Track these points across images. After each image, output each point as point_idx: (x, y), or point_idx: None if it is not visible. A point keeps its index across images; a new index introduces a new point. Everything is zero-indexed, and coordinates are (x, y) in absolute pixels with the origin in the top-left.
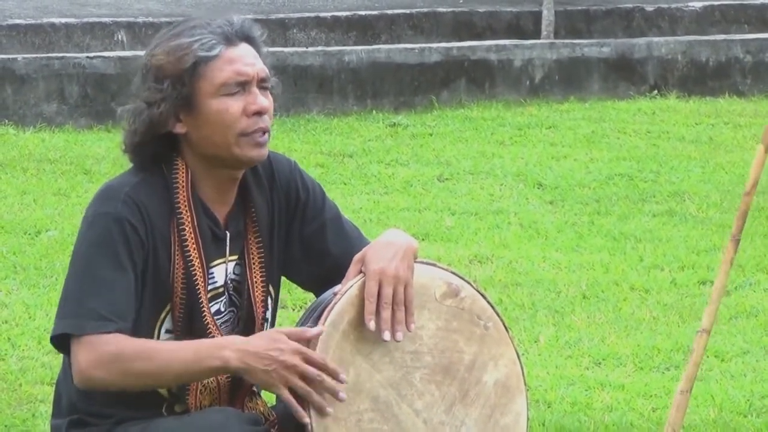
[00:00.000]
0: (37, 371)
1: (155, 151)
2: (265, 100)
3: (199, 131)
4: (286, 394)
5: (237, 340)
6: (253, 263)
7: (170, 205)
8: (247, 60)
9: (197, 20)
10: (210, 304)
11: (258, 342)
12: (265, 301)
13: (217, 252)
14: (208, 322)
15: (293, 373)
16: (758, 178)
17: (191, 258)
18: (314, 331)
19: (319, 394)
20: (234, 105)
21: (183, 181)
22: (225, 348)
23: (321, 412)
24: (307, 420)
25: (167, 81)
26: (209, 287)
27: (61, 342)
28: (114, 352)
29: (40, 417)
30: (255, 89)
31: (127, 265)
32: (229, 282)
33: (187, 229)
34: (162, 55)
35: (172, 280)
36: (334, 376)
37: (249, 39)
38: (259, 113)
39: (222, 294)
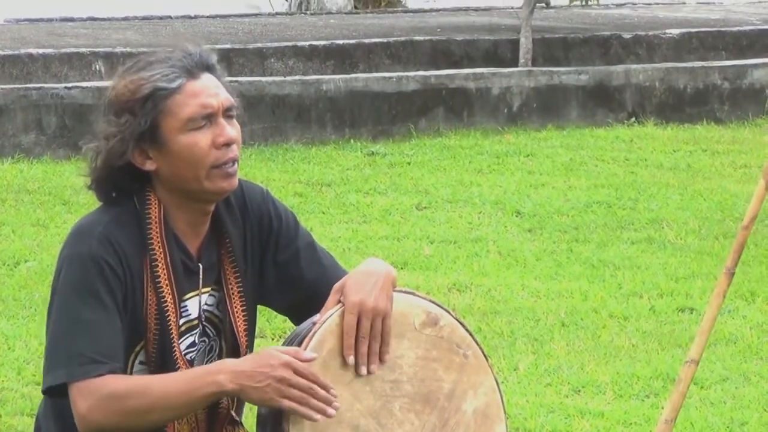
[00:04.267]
0: (17, 402)
1: (123, 185)
2: (232, 131)
3: (169, 167)
4: (287, 404)
5: (228, 362)
6: (233, 294)
7: (143, 241)
8: (210, 91)
9: (156, 55)
10: (184, 338)
11: (249, 362)
12: (247, 331)
13: (190, 285)
14: (177, 358)
15: (286, 385)
16: (757, 213)
17: (164, 294)
18: (308, 355)
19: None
20: (202, 139)
21: (156, 216)
22: (218, 372)
23: (324, 413)
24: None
25: (126, 114)
26: (183, 321)
27: (56, 390)
28: (109, 393)
29: None
30: (221, 120)
31: (110, 304)
32: (202, 314)
33: (159, 265)
34: (121, 88)
35: (145, 316)
36: (324, 387)
37: (209, 68)
38: (227, 144)
39: (196, 326)
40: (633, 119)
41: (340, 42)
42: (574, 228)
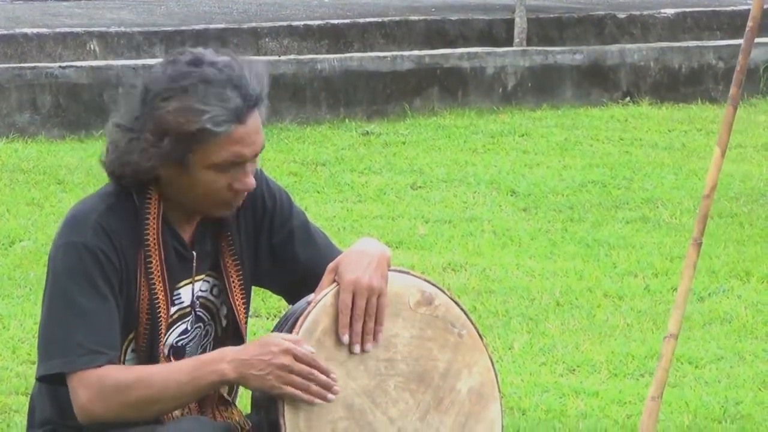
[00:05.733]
0: (11, 381)
1: (129, 180)
2: (253, 181)
3: (181, 186)
4: (289, 391)
5: (229, 351)
6: (234, 286)
7: (138, 234)
8: (250, 139)
9: (216, 79)
10: (176, 326)
11: (250, 349)
12: (246, 314)
13: (183, 274)
14: (159, 353)
15: (287, 372)
16: (716, 181)
17: (156, 290)
18: (307, 347)
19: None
20: (222, 180)
21: (154, 213)
22: (220, 361)
23: (324, 399)
24: (283, 420)
25: (167, 138)
26: (175, 309)
27: (51, 378)
28: (112, 384)
29: (14, 427)
30: (248, 166)
31: (107, 293)
32: (196, 300)
33: (154, 261)
34: (172, 111)
35: (137, 308)
36: (324, 373)
37: (258, 102)
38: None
39: (188, 314)
40: (628, 99)
41: (335, 21)
42: (569, 207)
